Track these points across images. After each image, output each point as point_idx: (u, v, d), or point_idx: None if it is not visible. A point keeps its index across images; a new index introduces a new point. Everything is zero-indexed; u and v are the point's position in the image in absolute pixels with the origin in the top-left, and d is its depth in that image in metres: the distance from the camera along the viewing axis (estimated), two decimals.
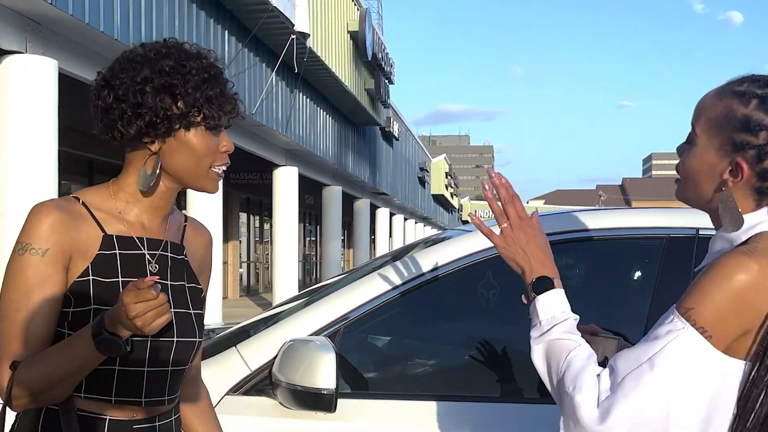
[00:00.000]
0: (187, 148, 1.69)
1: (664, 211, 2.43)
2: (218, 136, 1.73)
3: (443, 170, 42.18)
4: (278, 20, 12.56)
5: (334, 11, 17.36)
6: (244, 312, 18.58)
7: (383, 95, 21.58)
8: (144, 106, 1.64)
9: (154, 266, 1.72)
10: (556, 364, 1.51)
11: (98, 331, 1.52)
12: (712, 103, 1.55)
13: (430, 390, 2.39)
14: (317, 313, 2.38)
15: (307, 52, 14.13)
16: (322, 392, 2.05)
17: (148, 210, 1.74)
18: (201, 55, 1.73)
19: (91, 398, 1.63)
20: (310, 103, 17.17)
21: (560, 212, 2.54)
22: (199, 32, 11.10)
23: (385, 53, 21.91)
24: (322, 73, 16.35)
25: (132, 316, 1.46)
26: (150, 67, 1.66)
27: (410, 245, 3.19)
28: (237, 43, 12.62)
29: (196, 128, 1.68)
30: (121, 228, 1.70)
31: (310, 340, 2.17)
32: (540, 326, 1.56)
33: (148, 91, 1.64)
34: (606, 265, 2.50)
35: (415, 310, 2.50)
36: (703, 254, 2.31)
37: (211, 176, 1.73)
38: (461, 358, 2.49)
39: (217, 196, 12.63)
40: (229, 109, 1.72)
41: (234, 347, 2.37)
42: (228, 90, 1.73)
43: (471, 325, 2.56)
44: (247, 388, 2.30)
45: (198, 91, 1.66)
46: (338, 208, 21.96)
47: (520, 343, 2.41)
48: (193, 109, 1.67)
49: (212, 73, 1.70)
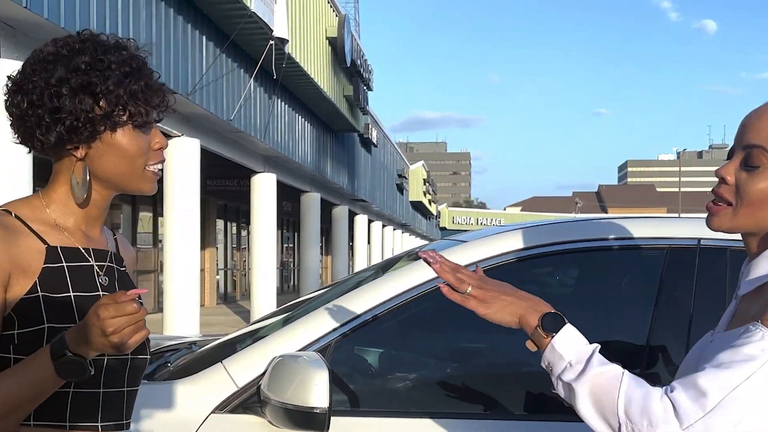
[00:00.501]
0: (116, 151, 1.54)
1: (665, 221, 2.37)
2: (149, 133, 1.59)
3: (421, 177, 42.17)
4: (257, 26, 12.46)
5: (313, 17, 17.27)
6: (222, 320, 18.42)
7: (362, 102, 21.52)
8: (62, 110, 1.48)
9: (104, 279, 1.59)
10: (611, 402, 1.36)
11: (59, 353, 1.37)
12: None
13: (425, 407, 2.31)
14: (307, 327, 2.28)
15: (285, 58, 14.03)
16: (314, 411, 1.95)
17: (85, 220, 1.60)
18: (120, 46, 1.57)
19: (42, 425, 1.47)
20: (288, 109, 17.06)
21: (561, 222, 2.48)
22: (176, 37, 10.97)
23: (364, 60, 21.86)
24: (301, 80, 16.25)
25: (109, 333, 1.33)
26: (64, 66, 1.50)
27: (395, 257, 3.11)
28: (215, 48, 12.49)
29: (124, 128, 1.54)
30: (63, 239, 1.55)
31: (301, 356, 2.08)
32: (572, 367, 1.42)
33: (65, 93, 1.49)
34: (607, 275, 2.44)
35: (409, 324, 2.42)
36: (706, 264, 2.27)
37: (146, 176, 1.59)
38: (457, 374, 2.41)
39: (195, 202, 12.49)
40: (157, 102, 1.58)
41: (220, 363, 2.26)
42: (154, 81, 1.59)
43: (468, 339, 2.48)
44: (233, 405, 2.19)
45: (120, 87, 1.51)
46: (317, 214, 21.85)
47: (520, 357, 2.35)
48: (117, 108, 1.52)
49: (134, 66, 1.55)
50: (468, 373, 2.37)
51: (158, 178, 1.63)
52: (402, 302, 2.31)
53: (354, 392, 2.30)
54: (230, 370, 2.23)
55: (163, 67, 10.23)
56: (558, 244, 2.33)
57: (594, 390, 1.38)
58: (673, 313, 2.21)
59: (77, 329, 1.38)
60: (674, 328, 2.20)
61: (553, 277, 2.48)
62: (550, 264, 2.42)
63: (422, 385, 2.39)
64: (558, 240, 2.34)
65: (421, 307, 2.36)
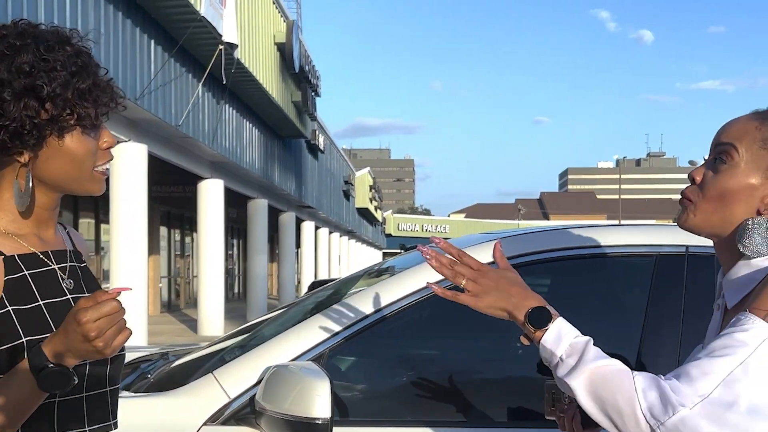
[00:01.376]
0: (63, 155, 1.45)
1: (653, 229, 2.40)
2: (98, 133, 1.51)
3: (367, 183, 42.20)
4: (206, 30, 12.33)
5: (262, 23, 17.16)
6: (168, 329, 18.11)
7: (310, 107, 21.44)
8: (5, 116, 1.38)
9: (69, 282, 1.52)
10: (611, 397, 1.37)
11: (40, 366, 1.30)
12: (756, 126, 1.50)
13: (419, 415, 2.29)
14: (298, 337, 2.25)
15: (234, 64, 13.91)
16: (316, 422, 1.92)
17: (37, 224, 1.52)
18: (63, 39, 1.46)
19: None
20: (236, 115, 16.91)
21: (549, 230, 2.49)
22: (125, 41, 10.79)
23: (312, 66, 21.79)
24: (250, 85, 16.13)
25: (92, 337, 1.27)
26: (5, 67, 1.39)
27: (354, 276, 3.10)
28: (163, 53, 12.32)
29: (71, 131, 1.45)
30: (18, 246, 1.47)
31: (299, 366, 2.03)
32: (563, 362, 1.43)
33: (8, 98, 1.38)
34: (597, 283, 2.46)
35: (401, 332, 2.40)
36: (694, 271, 2.30)
37: (95, 178, 1.51)
38: (452, 382, 2.40)
39: (142, 209, 12.29)
40: (105, 101, 1.49)
41: (210, 374, 2.21)
42: (101, 79, 1.49)
43: (466, 346, 2.47)
44: (225, 417, 2.14)
45: (68, 88, 1.42)
46: (264, 221, 21.68)
47: (522, 361, 2.35)
48: (64, 111, 1.42)
49: (80, 63, 1.45)
50: (463, 380, 2.36)
51: (106, 177, 1.55)
52: (394, 311, 2.29)
53: (348, 401, 2.26)
54: (221, 381, 2.18)
55: (111, 71, 10.04)
56: (547, 252, 2.34)
57: (590, 386, 1.38)
58: (663, 319, 2.24)
59: (55, 338, 1.31)
60: (665, 334, 2.23)
61: (542, 286, 2.49)
62: (538, 272, 2.42)
63: (415, 393, 2.37)
64: (547, 248, 2.35)
65: (413, 316, 2.35)
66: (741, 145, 1.49)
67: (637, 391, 1.35)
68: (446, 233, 63.80)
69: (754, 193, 1.47)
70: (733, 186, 1.48)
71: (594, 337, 1.49)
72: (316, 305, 2.70)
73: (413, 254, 2.89)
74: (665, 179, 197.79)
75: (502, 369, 2.48)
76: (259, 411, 2.06)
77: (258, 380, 2.16)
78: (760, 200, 1.47)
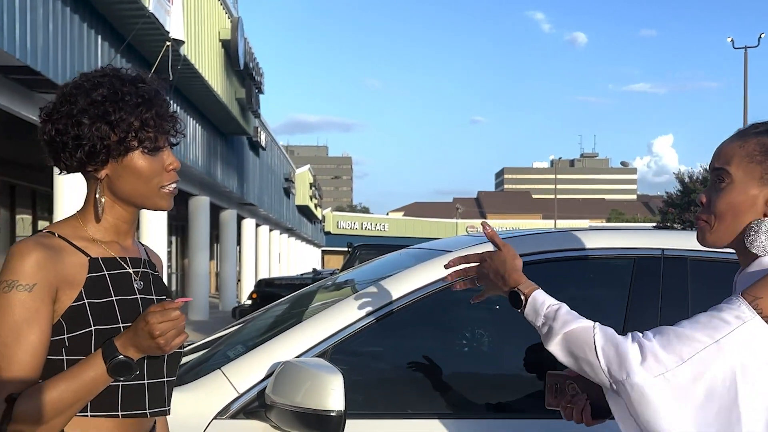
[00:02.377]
0: (131, 173, 1.75)
1: (631, 232, 2.57)
2: (161, 156, 1.78)
3: (308, 181, 42.12)
4: (153, 26, 12.22)
5: (207, 19, 17.05)
6: None
7: (254, 105, 21.35)
8: (82, 137, 1.70)
9: (140, 283, 1.81)
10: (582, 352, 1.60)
11: (111, 355, 1.62)
12: (739, 145, 1.71)
13: (426, 408, 2.42)
14: (304, 333, 2.36)
15: (181, 60, 13.81)
16: (330, 414, 2.03)
17: (117, 234, 1.81)
18: (137, 80, 1.78)
19: (99, 416, 1.68)
20: (180, 111, 16.78)
21: (533, 233, 2.64)
22: (72, 37, 10.65)
23: (256, 63, 21.70)
24: (195, 82, 16.01)
25: (156, 335, 1.59)
26: (85, 98, 1.72)
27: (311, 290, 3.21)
28: (110, 49, 12.19)
29: (135, 152, 1.74)
30: (102, 251, 1.77)
31: (312, 361, 2.15)
32: (542, 330, 1.69)
33: (86, 122, 1.70)
34: (578, 285, 2.61)
35: (405, 327, 2.52)
36: (671, 273, 2.47)
37: (162, 195, 1.79)
38: (453, 376, 2.53)
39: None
40: (167, 129, 1.79)
41: (219, 370, 2.31)
42: (165, 110, 1.79)
43: (467, 340, 2.61)
44: (234, 411, 2.24)
45: (132, 116, 1.72)
46: (206, 219, 21.53)
47: (522, 353, 2.49)
48: (129, 134, 1.72)
49: (146, 96, 1.75)
50: (468, 372, 2.50)
51: (173, 195, 1.84)
52: (397, 308, 2.42)
53: (353, 395, 2.37)
54: (230, 376, 2.28)
55: (59, 67, 9.92)
56: (530, 255, 2.47)
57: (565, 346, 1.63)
58: (643, 320, 2.40)
59: (124, 335, 1.64)
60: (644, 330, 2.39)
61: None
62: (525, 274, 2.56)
63: (422, 387, 2.50)
64: (531, 251, 2.48)
65: (415, 311, 2.46)
66: (731, 166, 1.70)
67: (596, 348, 1.58)
68: (385, 231, 64.03)
69: (756, 201, 1.68)
70: (735, 200, 1.68)
71: None
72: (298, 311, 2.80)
73: (374, 264, 3.02)
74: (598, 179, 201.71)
75: (497, 364, 2.62)
76: (269, 405, 2.16)
77: (266, 375, 2.26)
78: (763, 204, 1.68)
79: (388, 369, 2.62)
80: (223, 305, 25.27)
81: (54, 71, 9.73)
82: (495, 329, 2.63)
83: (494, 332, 2.62)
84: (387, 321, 2.41)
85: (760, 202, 1.67)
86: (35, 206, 19.15)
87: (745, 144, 1.71)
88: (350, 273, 3.33)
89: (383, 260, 3.07)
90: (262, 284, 19.27)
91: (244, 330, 3.03)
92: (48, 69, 9.54)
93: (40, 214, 19.43)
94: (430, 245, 2.91)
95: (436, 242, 2.95)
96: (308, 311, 2.69)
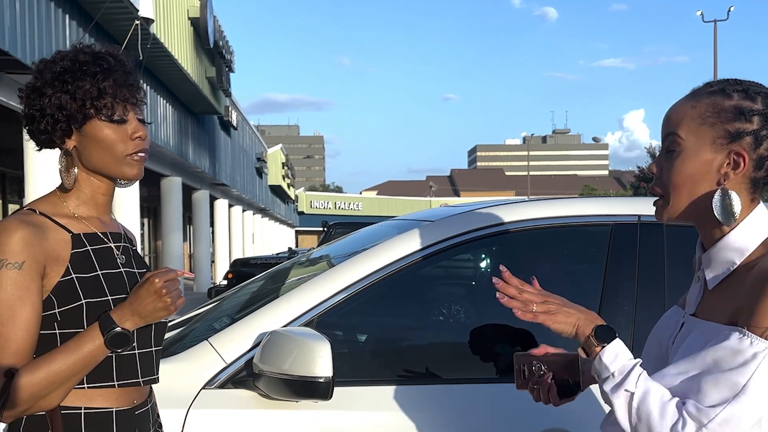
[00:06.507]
0: (95, 142, 1.78)
1: (609, 200, 2.61)
2: (125, 125, 1.80)
3: (280, 161, 41.97)
4: (122, 5, 12.07)
5: None
6: None
7: (225, 83, 21.20)
8: (44, 108, 1.76)
9: (122, 257, 1.86)
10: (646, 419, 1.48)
11: (108, 327, 1.68)
12: (691, 107, 1.57)
13: (407, 375, 2.45)
14: (290, 303, 2.38)
15: (150, 39, 13.67)
16: (318, 380, 2.06)
17: (96, 207, 1.85)
18: (100, 52, 1.82)
19: (95, 387, 1.73)
20: (150, 91, 16.61)
21: (509, 202, 2.67)
22: (40, 16, 10.49)
23: (226, 41, 21.53)
24: (165, 61, 15.87)
25: (164, 293, 1.68)
26: (49, 72, 1.77)
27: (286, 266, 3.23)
28: (78, 28, 12.02)
29: (97, 121, 1.77)
30: (83, 227, 1.81)
31: (298, 330, 2.18)
32: (613, 378, 1.54)
33: (48, 93, 1.75)
34: (557, 253, 2.66)
35: (386, 299, 2.55)
36: (647, 239, 2.52)
37: (128, 163, 1.81)
38: (435, 344, 2.57)
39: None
40: (125, 96, 1.79)
41: (206, 341, 2.34)
42: (123, 78, 1.80)
43: (451, 308, 2.65)
44: (223, 380, 2.27)
45: (89, 83, 1.75)
46: (178, 200, 21.38)
47: (509, 322, 2.52)
48: (86, 102, 1.75)
49: (105, 66, 1.78)
50: (450, 341, 2.54)
51: (142, 164, 1.85)
52: (376, 279, 2.45)
53: (342, 363, 2.40)
54: (217, 347, 2.30)
55: (27, 48, 9.77)
56: (510, 224, 2.51)
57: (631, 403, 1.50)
58: (621, 288, 2.44)
59: (120, 309, 1.71)
60: (622, 294, 2.44)
61: (508, 257, 2.65)
62: (502, 243, 2.60)
63: (404, 355, 2.53)
64: (510, 220, 2.52)
65: (395, 284, 2.50)
66: (682, 129, 1.57)
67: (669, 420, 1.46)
68: (359, 210, 64.04)
69: (710, 168, 1.54)
70: (689, 169, 1.56)
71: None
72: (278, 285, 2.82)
73: (354, 236, 3.05)
74: (570, 155, 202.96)
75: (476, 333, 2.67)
76: (257, 374, 2.19)
77: (253, 345, 2.29)
78: (717, 171, 1.54)
79: (373, 338, 2.66)
80: (198, 286, 25.20)
81: (22, 51, 9.58)
82: (473, 303, 2.68)
83: (472, 305, 2.67)
84: (372, 290, 2.44)
85: (714, 169, 1.54)
86: (5, 189, 18.92)
87: (697, 104, 1.56)
88: (326, 247, 3.35)
89: (364, 232, 3.09)
90: (238, 264, 19.23)
91: (224, 305, 3.05)
92: (16, 49, 9.39)
93: (11, 198, 19.22)
94: (413, 215, 2.94)
95: (419, 213, 2.98)
96: (287, 285, 2.71)
